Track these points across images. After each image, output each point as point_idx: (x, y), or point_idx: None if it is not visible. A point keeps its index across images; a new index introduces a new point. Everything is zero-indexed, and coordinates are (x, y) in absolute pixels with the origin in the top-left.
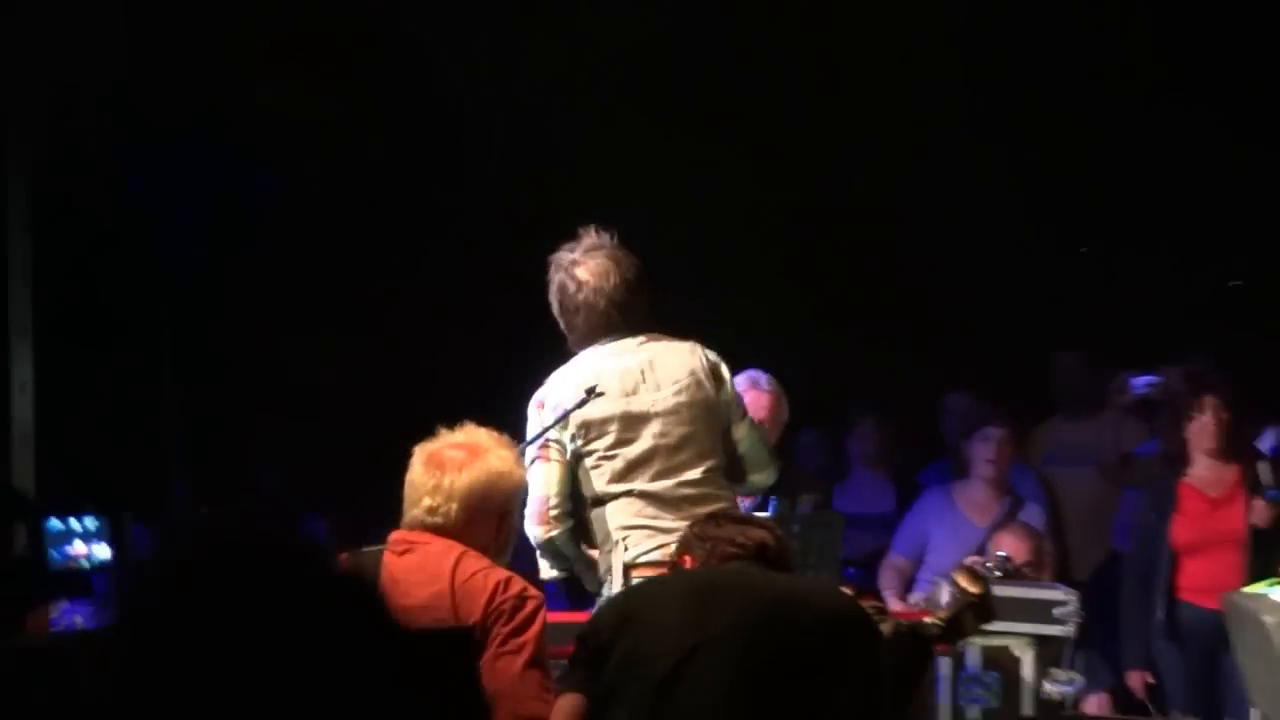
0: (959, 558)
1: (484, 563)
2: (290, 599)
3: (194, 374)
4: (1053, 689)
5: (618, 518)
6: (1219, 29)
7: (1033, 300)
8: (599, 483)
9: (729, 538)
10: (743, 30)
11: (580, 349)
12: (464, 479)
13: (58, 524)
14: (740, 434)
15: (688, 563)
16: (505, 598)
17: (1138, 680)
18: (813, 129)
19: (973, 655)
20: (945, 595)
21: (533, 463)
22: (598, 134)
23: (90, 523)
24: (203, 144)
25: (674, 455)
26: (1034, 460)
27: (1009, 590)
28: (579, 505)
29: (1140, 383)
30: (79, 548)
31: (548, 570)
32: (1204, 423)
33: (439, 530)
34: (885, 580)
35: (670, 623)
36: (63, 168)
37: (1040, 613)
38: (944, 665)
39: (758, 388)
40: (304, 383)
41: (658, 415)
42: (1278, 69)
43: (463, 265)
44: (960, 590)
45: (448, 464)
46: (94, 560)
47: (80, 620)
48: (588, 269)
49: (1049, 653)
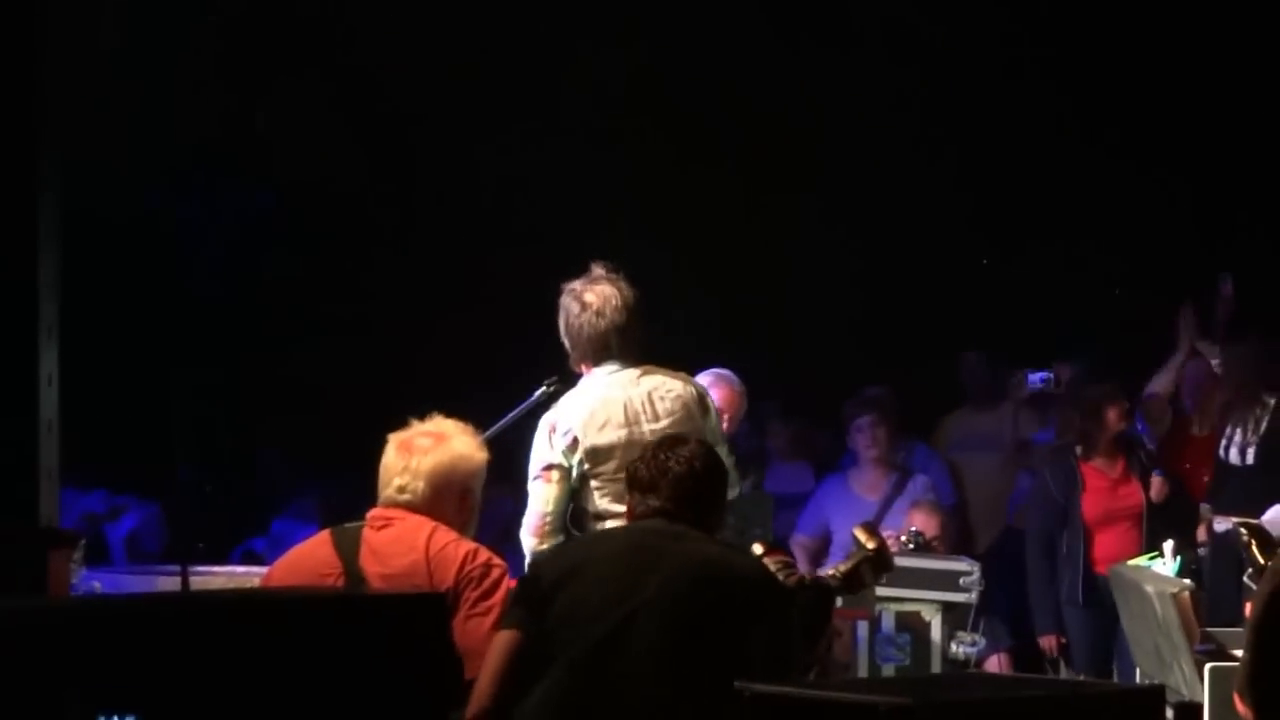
0: None
1: (453, 535)
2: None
3: (201, 366)
4: (958, 650)
5: None
6: (1115, 57)
7: (942, 305)
8: (602, 502)
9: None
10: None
11: (579, 368)
12: (429, 461)
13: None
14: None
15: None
16: (474, 565)
17: (1051, 642)
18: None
19: (887, 619)
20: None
21: (534, 480)
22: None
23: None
24: (212, 163)
25: None
26: (942, 447)
27: (920, 562)
28: (584, 520)
29: (1035, 378)
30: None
31: None
32: (1110, 420)
33: (409, 507)
34: (795, 558)
35: (609, 587)
36: (88, 183)
37: (947, 582)
38: (861, 628)
39: (730, 385)
40: (301, 375)
41: None
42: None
43: (443, 272)
44: (857, 544)
45: (415, 449)
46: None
47: (99, 586)
48: (593, 293)
49: (955, 617)
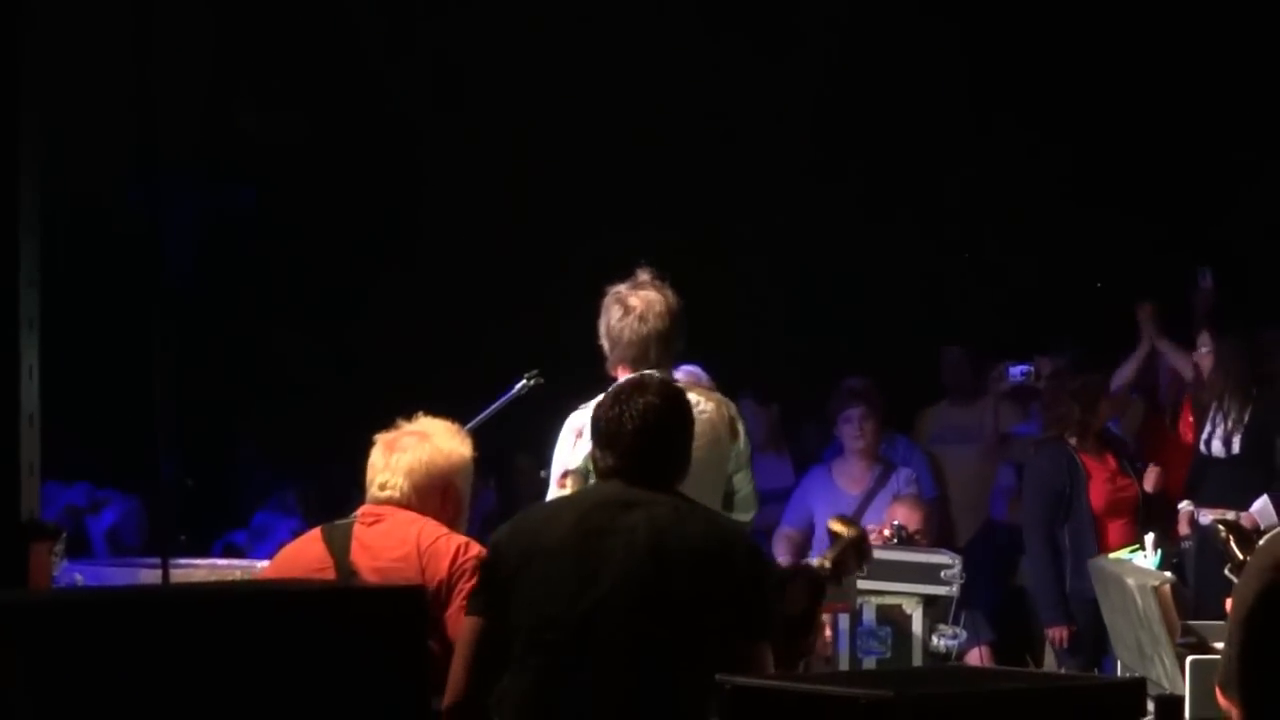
0: None
1: (444, 530)
2: None
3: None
4: (939, 642)
5: None
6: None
7: (923, 297)
8: None
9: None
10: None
11: (615, 371)
12: (408, 458)
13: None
14: (740, 481)
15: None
16: (466, 559)
17: (1062, 633)
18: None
19: (868, 612)
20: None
21: (553, 485)
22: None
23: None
24: (193, 161)
25: None
26: (922, 439)
27: (902, 555)
28: None
29: (1015, 371)
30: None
31: None
32: (1102, 415)
33: (395, 504)
34: (779, 549)
35: (564, 569)
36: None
37: (928, 575)
38: (843, 620)
39: (698, 382)
40: (280, 369)
41: None
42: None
43: (423, 267)
44: (834, 536)
45: (398, 447)
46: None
47: (80, 578)
48: (638, 298)
49: (936, 610)
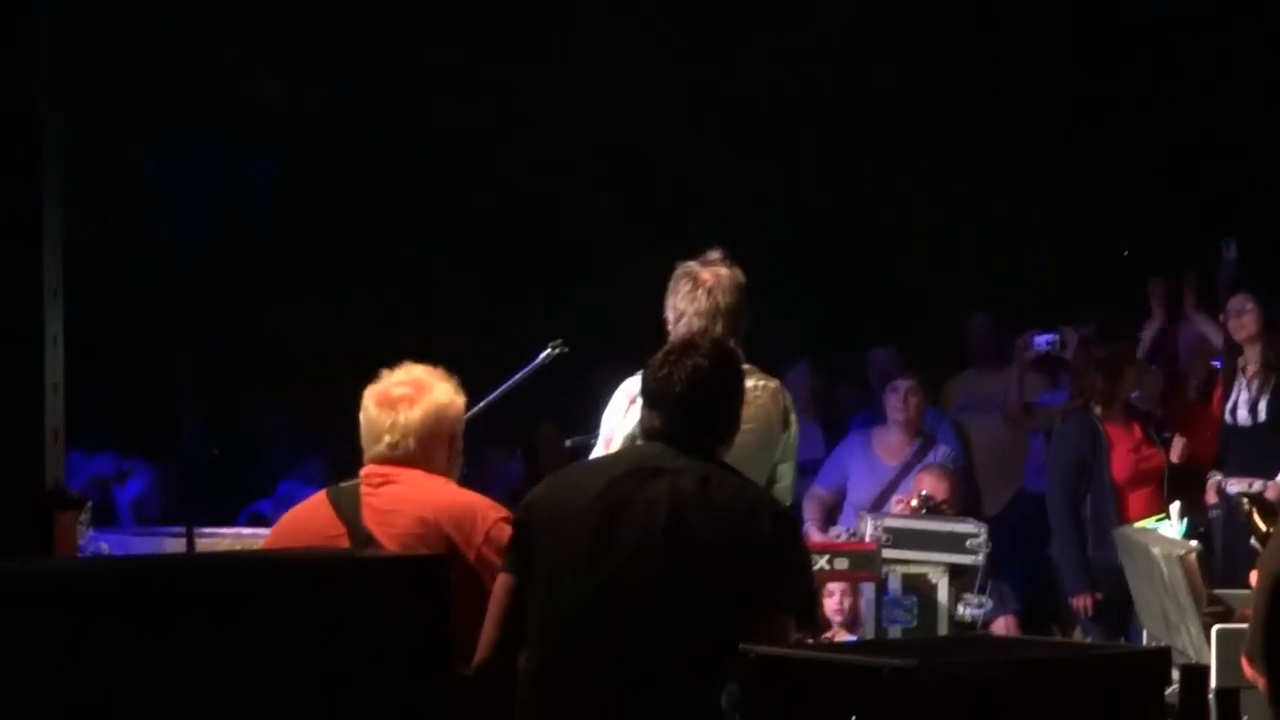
0: (873, 493)
1: (462, 491)
2: None
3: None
4: (965, 612)
5: None
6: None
7: (949, 266)
8: None
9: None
10: None
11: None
12: (416, 414)
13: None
14: (783, 471)
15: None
16: (498, 518)
17: (1087, 601)
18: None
19: (894, 581)
20: (869, 529)
21: (599, 445)
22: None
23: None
24: (210, 132)
25: None
26: (948, 408)
27: (927, 524)
28: None
29: (1041, 340)
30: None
31: None
32: (1129, 380)
33: (401, 462)
34: (808, 511)
35: (588, 538)
36: (90, 149)
37: (954, 544)
38: (868, 590)
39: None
40: (304, 337)
41: None
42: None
43: (447, 236)
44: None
45: (399, 402)
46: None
47: (106, 548)
48: (711, 273)
49: (962, 580)
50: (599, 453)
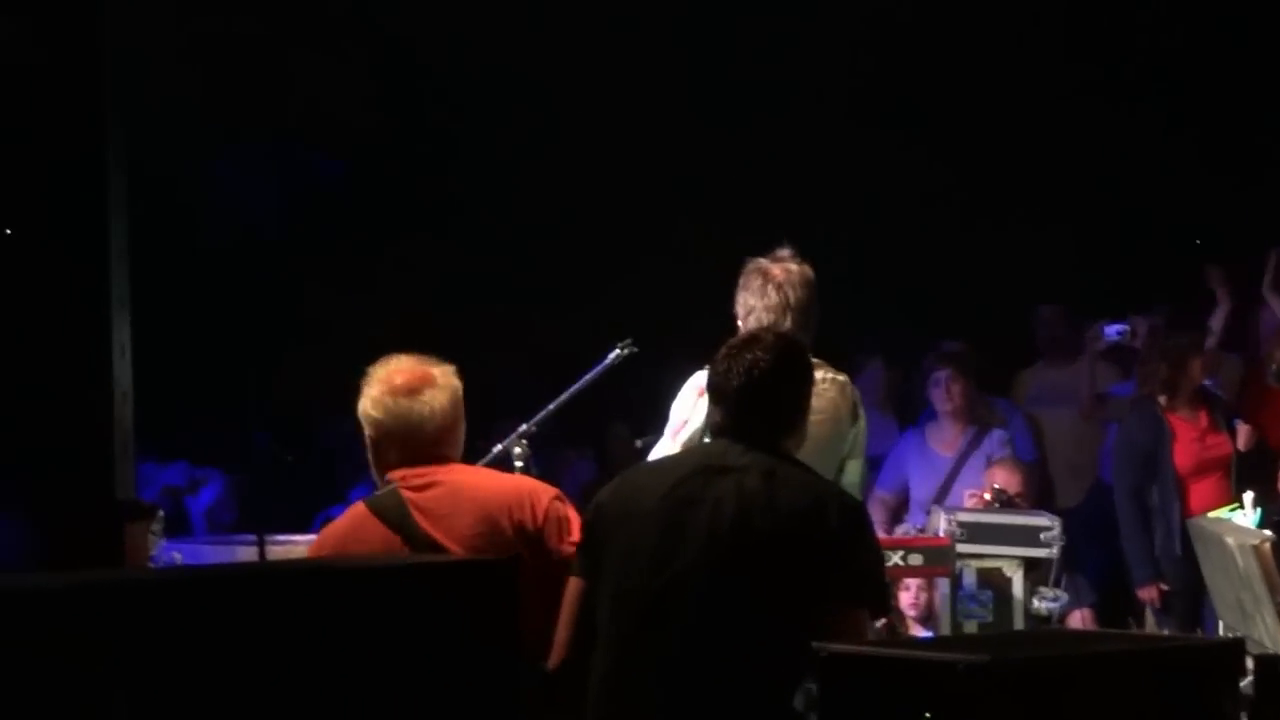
0: (935, 486)
1: (495, 473)
2: None
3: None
4: (1040, 605)
5: None
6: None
7: (1016, 258)
8: None
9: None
10: None
11: None
12: (440, 403)
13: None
14: (852, 467)
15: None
16: (560, 507)
17: (1153, 592)
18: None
19: (968, 575)
20: (942, 523)
21: (666, 436)
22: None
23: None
24: (275, 134)
25: None
26: (1020, 401)
27: (1001, 518)
28: None
29: (1111, 330)
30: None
31: None
32: (1195, 370)
33: (438, 458)
34: (873, 513)
35: (654, 540)
36: (156, 157)
37: (1028, 537)
38: (943, 584)
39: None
40: (374, 343)
41: None
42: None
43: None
44: None
45: (418, 387)
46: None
47: (179, 557)
48: (781, 269)
49: (1037, 573)
50: (665, 442)
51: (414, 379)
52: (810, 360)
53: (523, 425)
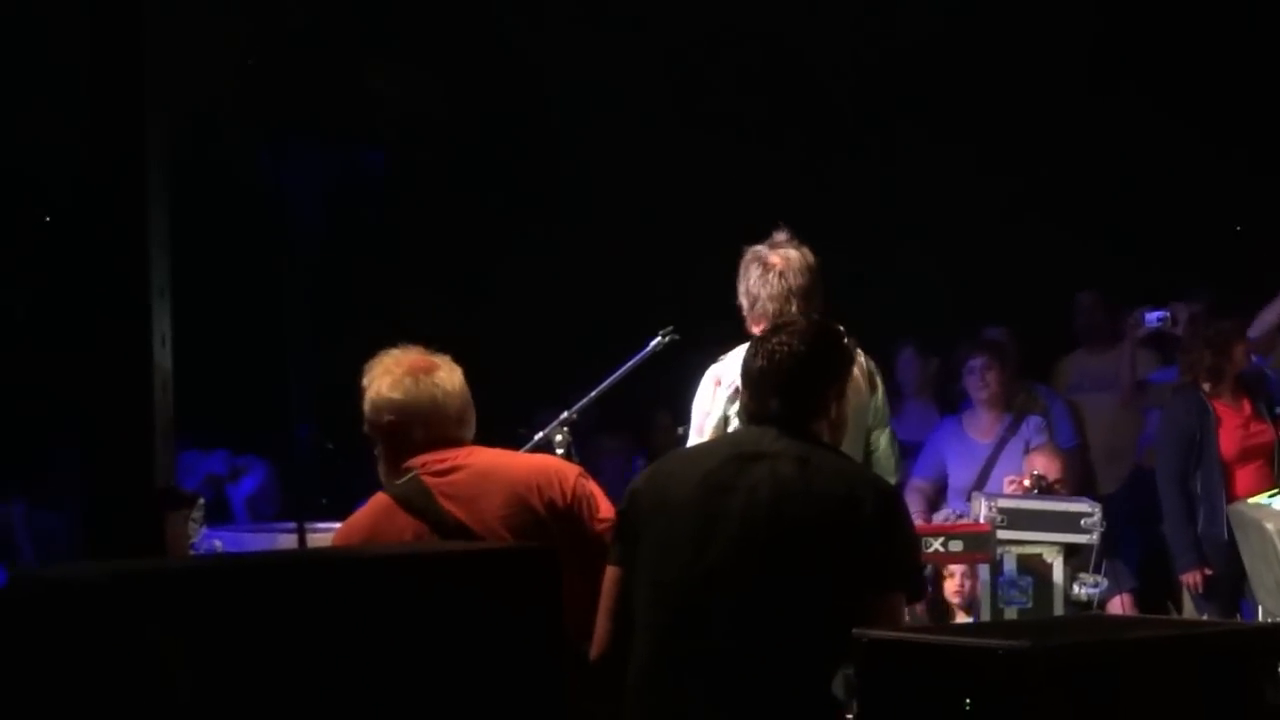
0: (973, 474)
1: (514, 453)
2: None
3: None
4: (1080, 591)
5: None
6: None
7: (1055, 246)
8: None
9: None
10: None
11: (755, 329)
12: (456, 382)
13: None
14: (878, 439)
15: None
16: (585, 487)
17: (1196, 577)
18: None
19: (1009, 562)
20: (983, 510)
21: (694, 431)
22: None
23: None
24: (322, 123)
25: None
26: (1060, 388)
27: (1041, 504)
28: None
29: (1152, 317)
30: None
31: None
32: (1238, 356)
33: (458, 440)
34: (911, 502)
35: (689, 526)
36: (197, 147)
37: (1069, 524)
38: (984, 571)
39: None
40: (412, 332)
41: None
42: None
43: (548, 229)
44: None
45: (435, 380)
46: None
47: (220, 545)
48: (779, 256)
49: (1077, 559)
50: (693, 437)
51: (422, 362)
52: (846, 345)
53: (564, 413)
